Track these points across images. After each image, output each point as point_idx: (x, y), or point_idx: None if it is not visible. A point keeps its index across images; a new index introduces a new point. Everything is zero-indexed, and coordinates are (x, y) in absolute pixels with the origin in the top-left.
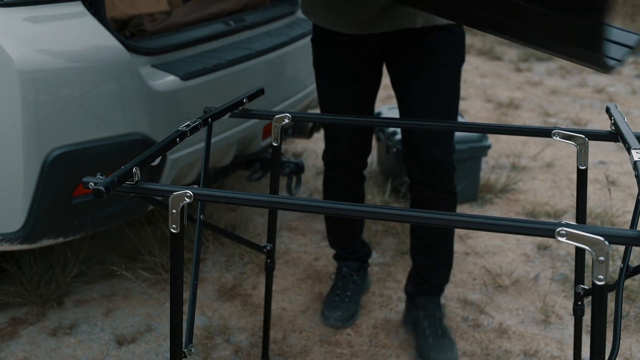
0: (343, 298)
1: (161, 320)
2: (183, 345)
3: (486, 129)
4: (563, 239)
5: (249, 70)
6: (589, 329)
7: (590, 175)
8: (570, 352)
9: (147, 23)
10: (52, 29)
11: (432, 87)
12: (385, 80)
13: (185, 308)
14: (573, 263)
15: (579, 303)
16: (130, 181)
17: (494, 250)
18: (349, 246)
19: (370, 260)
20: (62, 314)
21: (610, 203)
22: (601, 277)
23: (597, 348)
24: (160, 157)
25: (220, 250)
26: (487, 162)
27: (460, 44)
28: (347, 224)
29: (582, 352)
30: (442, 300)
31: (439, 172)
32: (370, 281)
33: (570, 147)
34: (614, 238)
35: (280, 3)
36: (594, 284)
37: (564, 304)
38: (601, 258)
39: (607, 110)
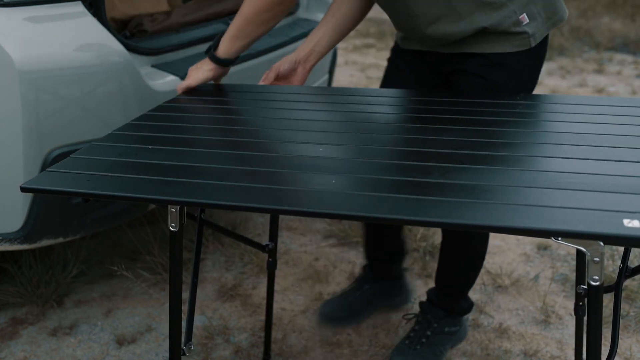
0: (342, 301)
1: (161, 320)
2: (182, 344)
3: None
4: (559, 239)
5: (249, 70)
6: None
7: None
8: (570, 352)
9: (147, 23)
10: (52, 29)
11: None
12: None
13: (185, 307)
14: (573, 263)
15: (580, 303)
16: None
17: (494, 250)
18: (378, 247)
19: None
20: (62, 314)
21: None
22: (596, 277)
23: (593, 348)
24: None
25: (220, 250)
26: None
27: None
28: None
29: (583, 352)
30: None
31: None
32: (408, 294)
33: None
34: (608, 239)
35: None
36: (589, 284)
37: (564, 304)
38: (596, 259)
39: None
